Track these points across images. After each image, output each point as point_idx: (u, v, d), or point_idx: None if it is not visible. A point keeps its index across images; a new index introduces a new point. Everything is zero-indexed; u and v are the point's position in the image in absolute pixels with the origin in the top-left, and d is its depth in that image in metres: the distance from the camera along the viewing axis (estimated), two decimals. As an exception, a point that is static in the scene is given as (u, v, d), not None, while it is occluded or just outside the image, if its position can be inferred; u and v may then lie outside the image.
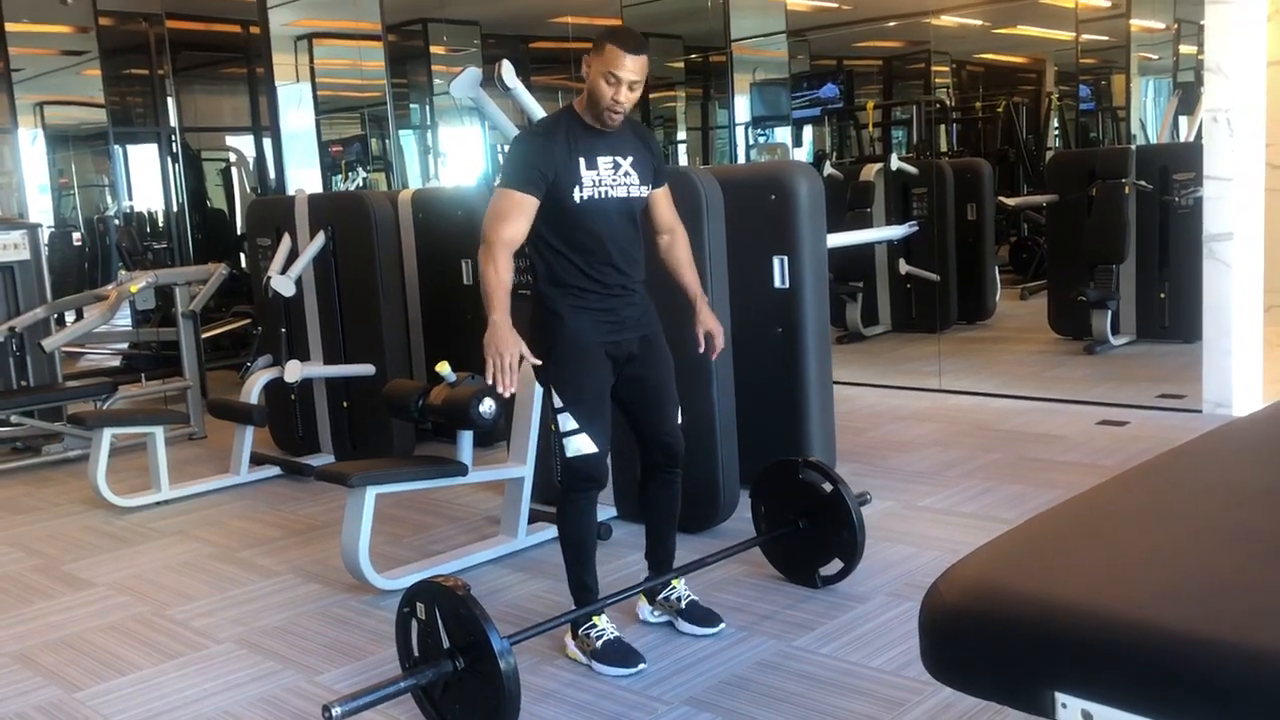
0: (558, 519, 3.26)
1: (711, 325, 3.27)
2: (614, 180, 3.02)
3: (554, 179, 2.95)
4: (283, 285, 5.23)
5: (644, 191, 3.11)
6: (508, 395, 2.87)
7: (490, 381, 2.83)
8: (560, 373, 3.07)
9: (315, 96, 10.33)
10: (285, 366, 5.32)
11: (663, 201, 3.24)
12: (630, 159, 3.06)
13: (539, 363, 3.01)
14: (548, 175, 2.95)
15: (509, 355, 2.83)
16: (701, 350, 3.29)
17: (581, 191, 2.97)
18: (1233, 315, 5.29)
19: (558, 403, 3.07)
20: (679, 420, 3.26)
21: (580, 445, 3.04)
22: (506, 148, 3.08)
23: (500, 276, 2.89)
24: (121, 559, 4.46)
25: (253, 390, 5.39)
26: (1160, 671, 1.36)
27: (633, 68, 2.90)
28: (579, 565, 3.17)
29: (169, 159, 10.14)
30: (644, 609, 3.43)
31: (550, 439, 4.40)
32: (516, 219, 2.93)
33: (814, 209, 4.48)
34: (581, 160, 2.98)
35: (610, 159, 3.03)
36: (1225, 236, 5.25)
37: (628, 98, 2.93)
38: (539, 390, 3.99)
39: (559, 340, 3.05)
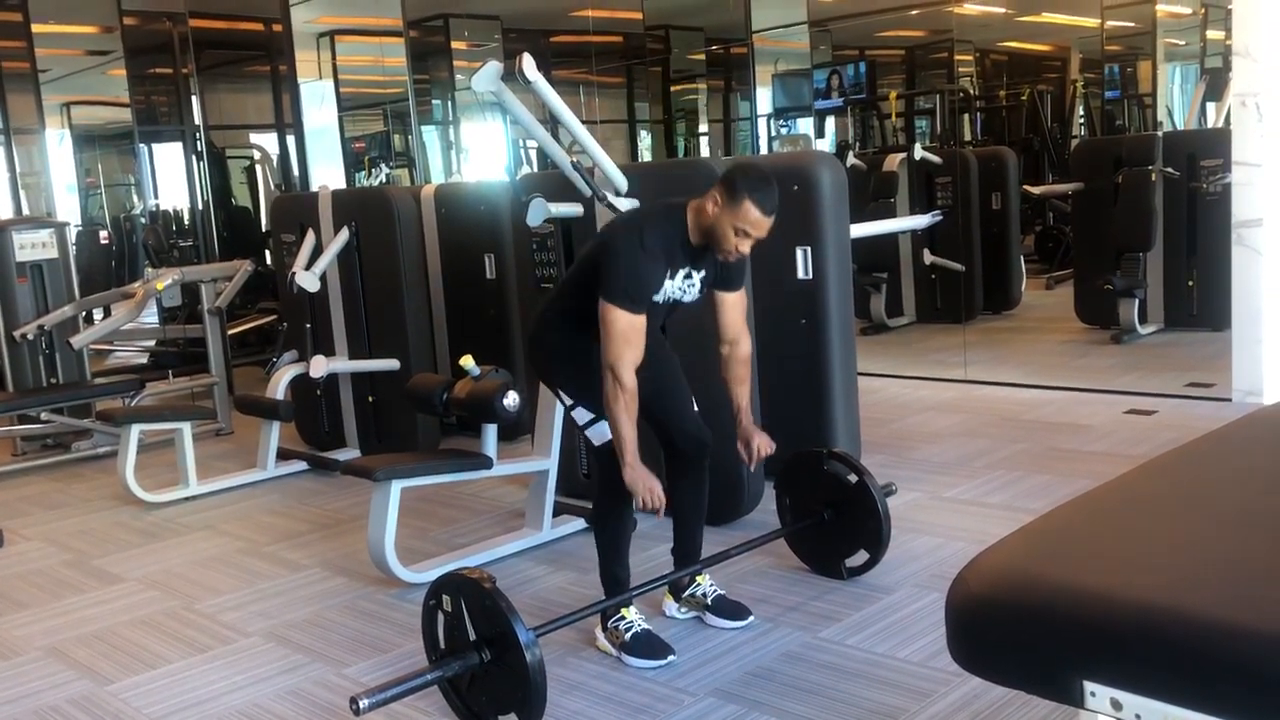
0: (593, 510, 3.27)
1: (754, 437, 3.22)
2: (679, 287, 3.03)
3: None
4: (307, 281, 5.25)
5: (696, 296, 3.09)
6: (664, 512, 3.01)
7: (651, 509, 2.95)
8: (563, 372, 3.13)
9: (338, 93, 10.39)
10: (310, 362, 5.35)
11: (733, 309, 3.18)
12: (703, 272, 3.06)
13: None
14: (656, 293, 2.95)
15: (656, 485, 2.93)
16: (746, 461, 3.26)
17: (654, 297, 2.97)
18: (1263, 302, 5.22)
19: (567, 401, 3.12)
20: (695, 408, 3.27)
21: (603, 431, 3.05)
22: (612, 239, 2.97)
23: (631, 414, 2.87)
24: (151, 554, 4.49)
25: (278, 386, 5.42)
26: (1190, 659, 1.34)
27: (767, 227, 2.88)
28: (611, 557, 3.18)
29: (194, 157, 10.20)
30: (670, 606, 3.42)
31: (575, 434, 4.43)
32: (638, 343, 2.90)
33: (837, 199, 4.45)
34: (668, 272, 2.98)
35: (688, 269, 3.02)
36: (1254, 223, 5.19)
37: (749, 247, 2.92)
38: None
39: (557, 346, 3.11)
